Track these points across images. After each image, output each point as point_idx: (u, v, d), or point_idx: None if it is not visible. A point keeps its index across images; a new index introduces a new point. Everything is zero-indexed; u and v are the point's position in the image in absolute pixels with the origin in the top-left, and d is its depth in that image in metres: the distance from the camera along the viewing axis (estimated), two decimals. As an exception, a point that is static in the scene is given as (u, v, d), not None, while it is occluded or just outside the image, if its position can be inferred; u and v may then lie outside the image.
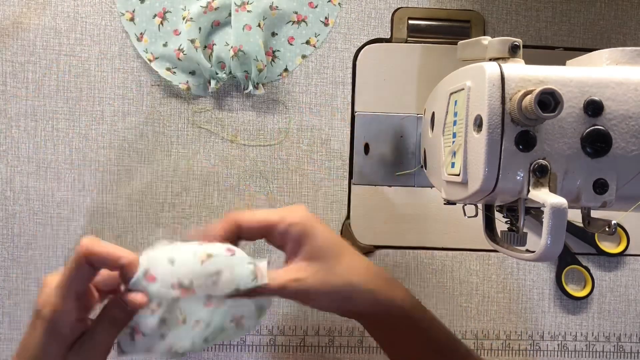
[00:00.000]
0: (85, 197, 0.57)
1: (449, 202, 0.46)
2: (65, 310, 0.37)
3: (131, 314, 0.38)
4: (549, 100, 0.35)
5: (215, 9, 0.55)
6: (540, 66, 0.38)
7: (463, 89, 0.41)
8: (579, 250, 0.59)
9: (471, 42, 0.44)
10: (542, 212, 0.36)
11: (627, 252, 0.59)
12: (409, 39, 0.58)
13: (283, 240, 0.43)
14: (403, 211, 0.59)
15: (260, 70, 0.55)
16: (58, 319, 0.37)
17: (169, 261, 0.38)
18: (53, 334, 0.38)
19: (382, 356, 0.59)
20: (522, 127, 0.37)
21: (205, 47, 0.56)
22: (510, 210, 0.43)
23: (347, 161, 0.58)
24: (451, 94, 0.44)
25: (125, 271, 0.37)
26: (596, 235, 0.59)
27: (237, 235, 0.43)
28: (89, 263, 0.37)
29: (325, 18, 0.58)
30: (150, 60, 0.57)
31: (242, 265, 0.40)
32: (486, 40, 0.41)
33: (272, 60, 0.58)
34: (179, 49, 0.56)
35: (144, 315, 0.38)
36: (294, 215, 0.43)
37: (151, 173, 0.58)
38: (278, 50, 0.58)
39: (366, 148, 0.58)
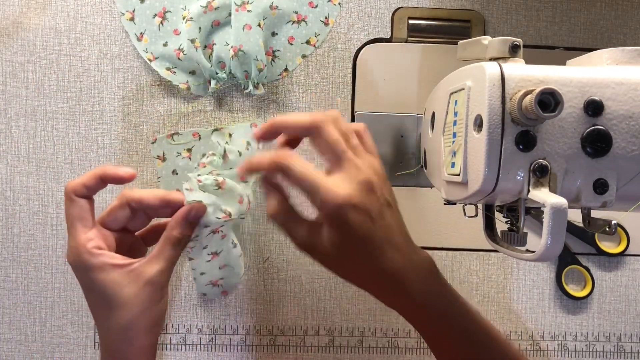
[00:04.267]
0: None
1: (449, 202, 0.46)
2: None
3: (192, 227, 0.45)
4: (549, 100, 0.35)
5: (215, 8, 0.55)
6: (540, 66, 0.38)
7: (463, 89, 0.41)
8: (579, 250, 0.59)
9: (471, 41, 0.44)
10: (542, 212, 0.36)
11: (627, 252, 0.59)
12: (409, 39, 0.58)
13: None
14: (403, 211, 0.58)
15: (260, 70, 0.55)
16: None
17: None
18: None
19: (382, 356, 0.59)
20: (522, 127, 0.37)
21: (205, 47, 0.56)
22: (510, 210, 0.43)
23: (347, 161, 0.58)
24: (451, 93, 0.44)
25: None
26: (596, 235, 0.59)
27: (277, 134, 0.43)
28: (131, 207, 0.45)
29: (325, 18, 0.58)
30: (150, 60, 0.57)
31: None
32: (486, 40, 0.41)
33: (272, 60, 0.58)
34: (179, 49, 0.56)
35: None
36: (337, 191, 0.39)
37: (151, 173, 0.58)
38: (278, 50, 0.58)
39: (366, 148, 0.58)
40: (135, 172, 0.44)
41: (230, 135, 0.55)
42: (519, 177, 0.37)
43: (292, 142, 0.45)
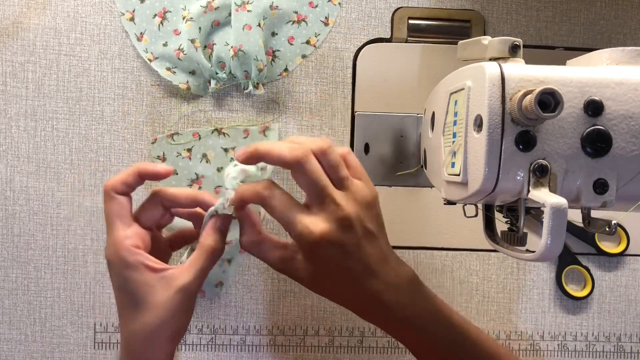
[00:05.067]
0: (85, 197, 0.57)
1: (449, 202, 0.46)
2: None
3: (224, 236, 0.44)
4: (549, 100, 0.35)
5: (215, 8, 0.55)
6: (540, 66, 0.38)
7: (463, 89, 0.41)
8: (579, 250, 0.59)
9: (471, 41, 0.44)
10: (542, 212, 0.36)
11: (627, 252, 0.59)
12: (409, 39, 0.58)
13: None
14: (403, 211, 0.59)
15: (260, 70, 0.55)
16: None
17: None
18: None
19: (382, 356, 0.59)
20: (522, 127, 0.37)
21: (205, 46, 0.56)
22: (510, 210, 0.43)
23: (347, 161, 0.58)
24: (451, 93, 0.44)
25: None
26: (596, 235, 0.59)
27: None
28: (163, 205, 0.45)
29: (325, 18, 0.58)
30: (150, 60, 0.57)
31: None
32: (486, 40, 0.41)
33: (272, 60, 0.58)
34: (179, 49, 0.56)
35: None
36: (312, 229, 0.40)
37: (151, 173, 0.58)
38: (278, 50, 0.58)
39: (366, 148, 0.58)
40: (172, 168, 0.44)
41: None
42: (519, 177, 0.37)
43: None
